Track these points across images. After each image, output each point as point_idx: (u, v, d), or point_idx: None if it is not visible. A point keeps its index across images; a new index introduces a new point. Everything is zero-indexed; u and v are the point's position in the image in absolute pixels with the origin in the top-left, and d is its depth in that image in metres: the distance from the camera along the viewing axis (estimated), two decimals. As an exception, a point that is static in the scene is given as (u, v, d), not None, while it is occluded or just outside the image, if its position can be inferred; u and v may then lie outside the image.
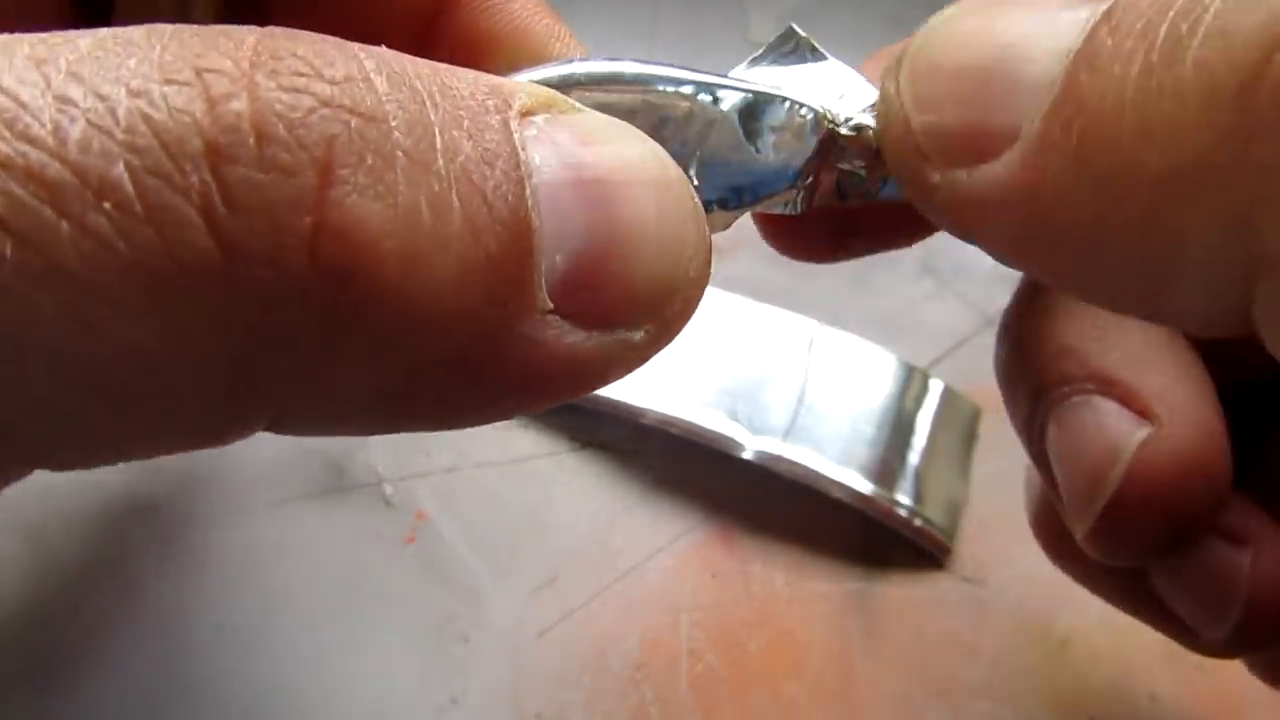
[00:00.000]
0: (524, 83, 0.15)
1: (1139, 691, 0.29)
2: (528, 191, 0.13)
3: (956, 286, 0.36)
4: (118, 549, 0.32)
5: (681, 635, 0.29)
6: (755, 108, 0.17)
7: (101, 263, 0.11)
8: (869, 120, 0.17)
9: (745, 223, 0.43)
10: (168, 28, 0.12)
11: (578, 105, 0.15)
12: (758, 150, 0.17)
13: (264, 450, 0.34)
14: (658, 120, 0.17)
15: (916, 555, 0.31)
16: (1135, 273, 0.14)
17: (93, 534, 0.32)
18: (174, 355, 0.11)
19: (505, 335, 0.13)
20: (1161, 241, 0.13)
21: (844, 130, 0.17)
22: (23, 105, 0.11)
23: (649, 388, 0.32)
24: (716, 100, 0.17)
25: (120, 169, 0.11)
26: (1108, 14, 0.13)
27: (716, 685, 0.28)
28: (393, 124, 0.12)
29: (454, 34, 0.20)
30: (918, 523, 0.30)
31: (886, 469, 0.31)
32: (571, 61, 0.17)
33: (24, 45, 0.11)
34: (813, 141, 0.17)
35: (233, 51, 0.11)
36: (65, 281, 0.11)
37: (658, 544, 0.31)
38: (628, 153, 0.14)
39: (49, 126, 0.11)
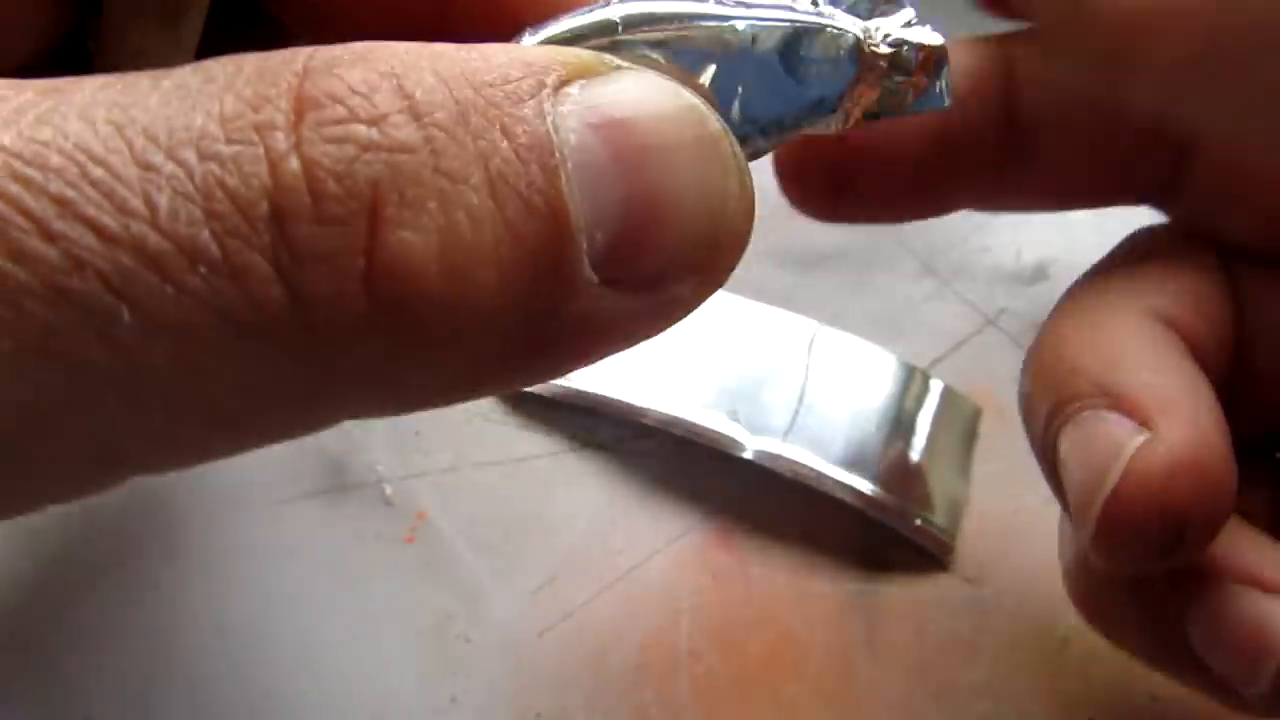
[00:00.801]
0: (556, 52, 0.15)
1: (1139, 691, 0.29)
2: (563, 179, 0.14)
3: (956, 286, 0.36)
4: (118, 549, 0.32)
5: (681, 635, 0.29)
6: (796, 40, 0.17)
7: (198, 316, 0.12)
8: (908, 36, 0.17)
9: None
10: (219, 72, 0.13)
11: (614, 62, 0.15)
12: (799, 82, 0.17)
13: (264, 450, 0.34)
14: (700, 56, 0.16)
15: (917, 555, 0.31)
16: None
17: (93, 534, 0.32)
18: (262, 385, 0.13)
19: (554, 317, 0.14)
20: None
21: (883, 49, 0.17)
22: (116, 176, 0.12)
23: (649, 388, 0.32)
24: (757, 38, 0.17)
25: (206, 235, 0.12)
26: None
27: (716, 685, 0.28)
28: (428, 150, 0.13)
29: None
30: (918, 523, 0.30)
31: (887, 469, 0.31)
32: (607, 5, 0.17)
33: (100, 108, 0.13)
34: (852, 69, 0.17)
35: (281, 101, 0.13)
36: (171, 335, 0.12)
37: (658, 544, 0.31)
38: (666, 112, 0.15)
39: (141, 198, 0.12)
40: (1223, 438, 0.19)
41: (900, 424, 0.32)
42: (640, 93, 0.15)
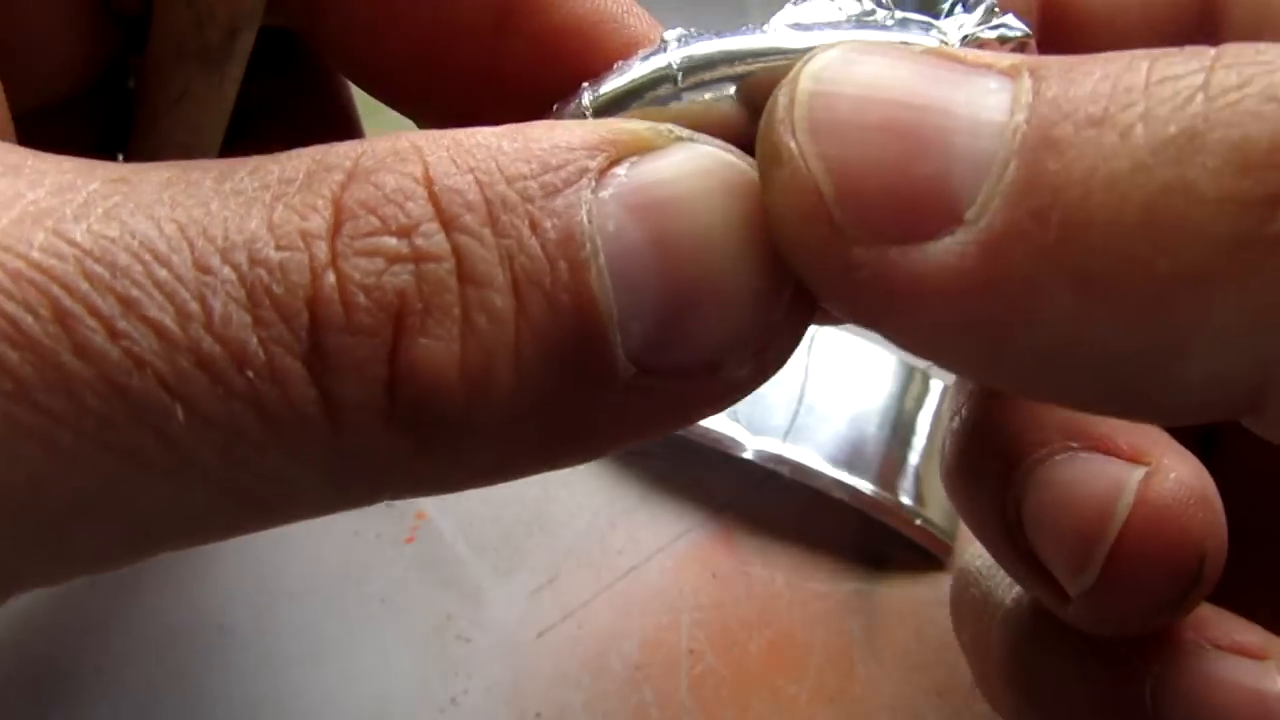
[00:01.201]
0: (609, 128, 0.14)
1: (1139, 691, 0.29)
2: (593, 273, 0.14)
3: (957, 286, 0.36)
4: (118, 549, 0.32)
5: (681, 635, 0.29)
6: None
7: (244, 416, 0.13)
8: (987, 34, 0.16)
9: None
10: (274, 176, 0.14)
11: (672, 133, 0.15)
12: None
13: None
14: (762, 93, 0.15)
15: (917, 555, 0.31)
16: (1119, 366, 0.13)
17: (93, 534, 0.32)
18: (298, 476, 0.14)
19: (589, 407, 0.14)
20: (1162, 340, 0.12)
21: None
22: (178, 279, 0.13)
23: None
24: None
25: (255, 343, 0.13)
26: (1043, 96, 0.13)
27: (716, 685, 0.28)
28: (454, 258, 0.14)
29: (528, 31, 0.19)
30: (918, 523, 0.30)
31: (886, 469, 0.31)
32: (665, 49, 0.16)
33: (164, 207, 0.13)
34: None
35: (325, 210, 0.14)
36: (218, 432, 0.13)
37: (658, 544, 0.31)
38: (713, 189, 0.14)
39: (198, 301, 0.13)
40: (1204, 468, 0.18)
41: (900, 424, 0.32)
42: (690, 170, 0.14)
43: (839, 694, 0.28)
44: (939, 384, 0.33)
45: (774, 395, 0.32)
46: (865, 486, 0.30)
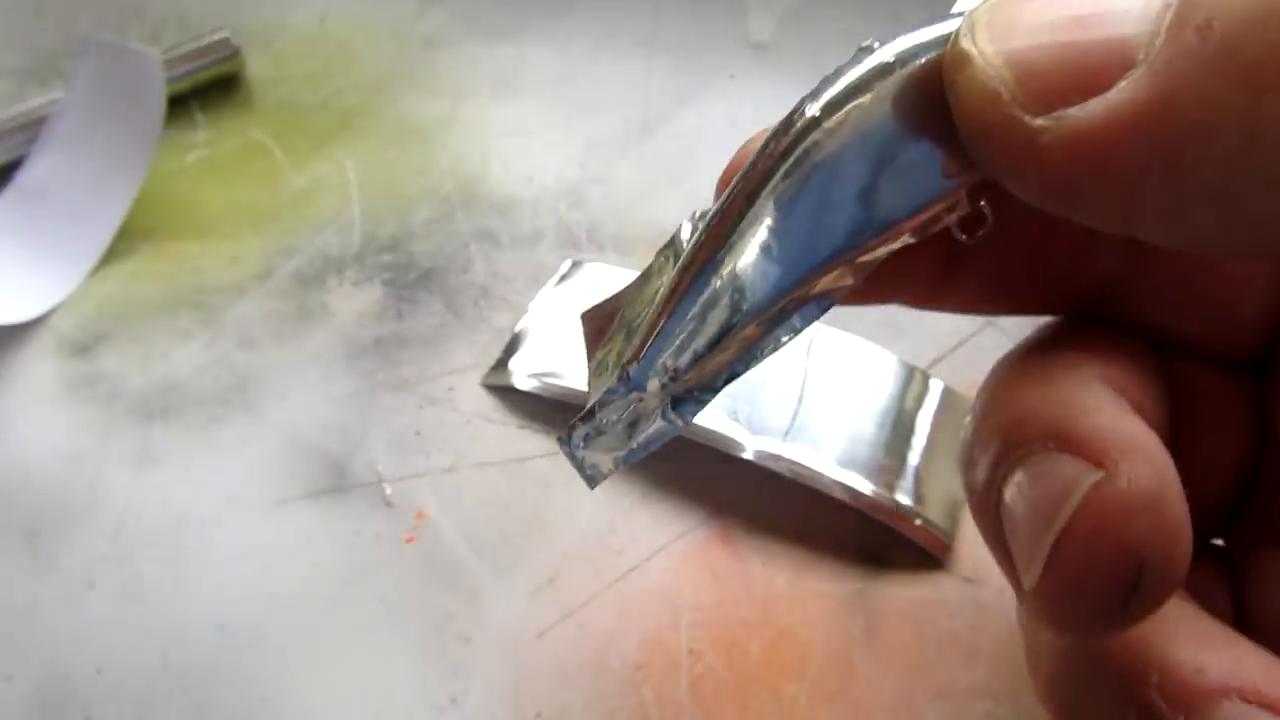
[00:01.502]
0: None
1: (1139, 691, 0.29)
2: None
3: (957, 286, 0.36)
4: (117, 549, 0.32)
5: (681, 635, 0.29)
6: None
7: None
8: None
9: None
10: None
11: None
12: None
13: (264, 450, 0.34)
14: None
15: (916, 555, 0.31)
16: None
17: (93, 534, 0.32)
18: None
19: None
20: None
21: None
22: None
23: (649, 388, 0.32)
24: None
25: None
26: None
27: (716, 685, 0.28)
28: None
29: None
30: (918, 523, 0.30)
31: (886, 469, 0.31)
32: (874, 49, 0.17)
33: None
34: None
35: None
36: None
37: (658, 544, 0.31)
38: None
39: None
40: (1177, 478, 0.18)
41: (900, 424, 0.32)
42: None
43: (839, 694, 0.28)
44: (939, 384, 0.33)
45: (774, 395, 0.32)
46: (865, 486, 0.30)
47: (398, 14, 0.50)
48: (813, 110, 0.16)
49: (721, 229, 0.17)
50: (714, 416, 0.31)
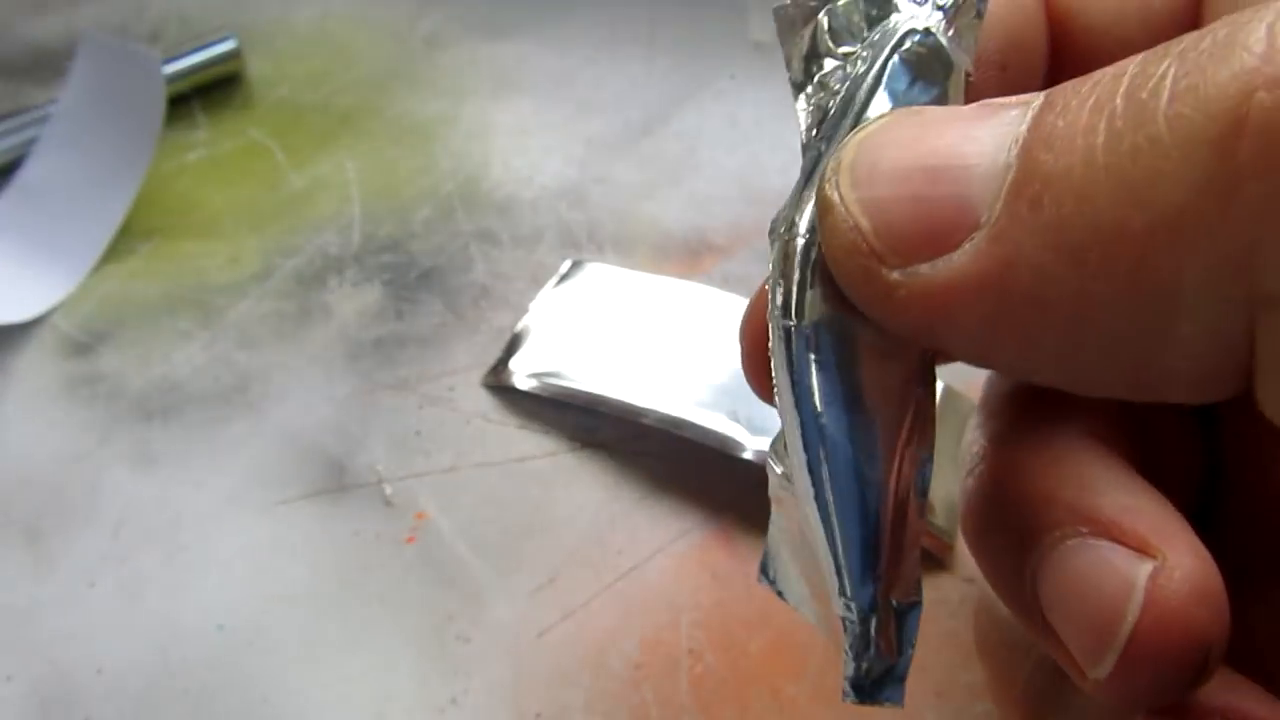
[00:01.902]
0: None
1: (1139, 692, 0.29)
2: None
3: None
4: (118, 548, 0.32)
5: (681, 635, 0.29)
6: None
7: None
8: None
9: (744, 223, 0.43)
10: None
11: None
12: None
13: (264, 450, 0.34)
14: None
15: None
16: (1124, 337, 0.14)
17: (93, 534, 0.32)
18: None
19: None
20: (1153, 294, 0.13)
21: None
22: None
23: (649, 388, 0.32)
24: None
25: None
26: (1048, 103, 0.14)
27: (716, 685, 0.28)
28: None
29: None
30: (918, 523, 0.30)
31: (887, 469, 0.31)
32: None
33: None
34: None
35: None
36: None
37: (658, 544, 0.31)
38: None
39: None
40: (1213, 560, 0.19)
41: (900, 424, 0.32)
42: None
43: (839, 694, 0.28)
44: (939, 384, 0.33)
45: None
46: (865, 486, 0.30)
47: (398, 14, 0.50)
48: (788, 322, 0.17)
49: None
50: (714, 416, 0.31)
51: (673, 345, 0.34)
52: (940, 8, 0.18)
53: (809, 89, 0.18)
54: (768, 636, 0.29)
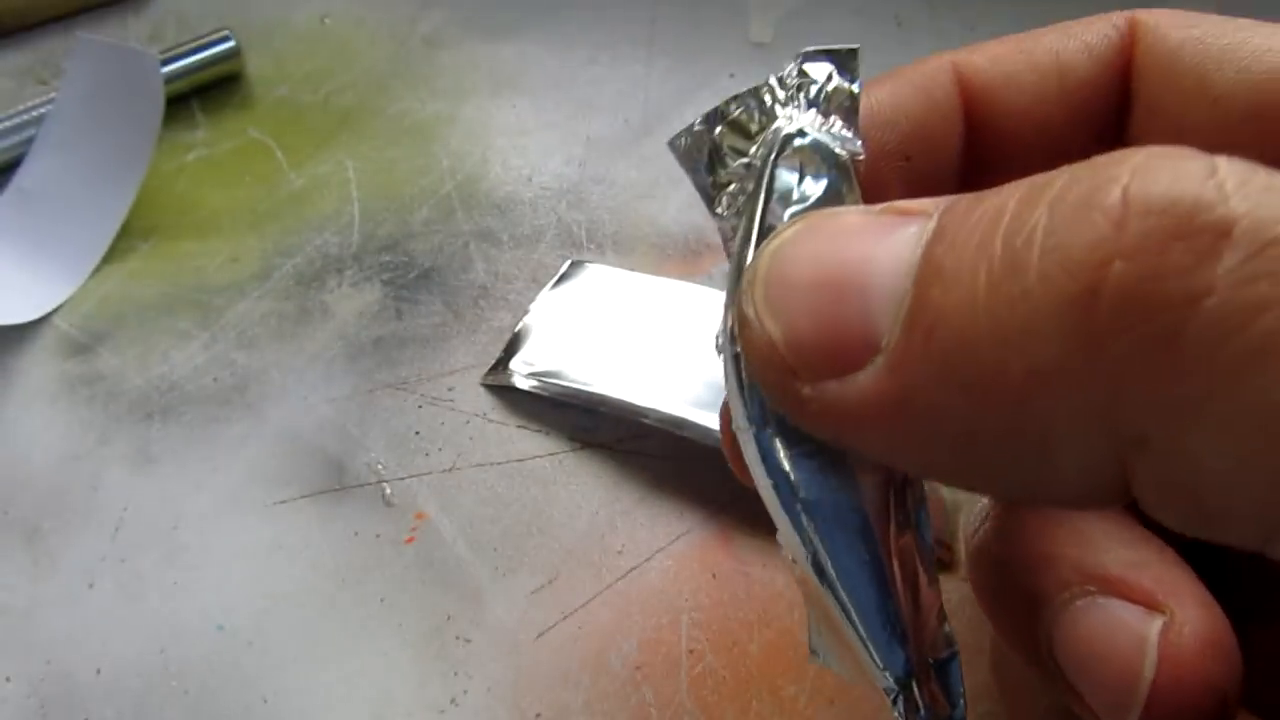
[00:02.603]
0: None
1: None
2: None
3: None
4: (117, 548, 0.32)
5: (681, 635, 0.29)
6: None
7: None
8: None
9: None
10: None
11: None
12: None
13: (264, 450, 0.34)
14: None
15: (916, 555, 0.31)
16: (1011, 463, 0.15)
17: (93, 534, 0.32)
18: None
19: None
20: (1033, 434, 0.14)
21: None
22: None
23: (649, 388, 0.32)
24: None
25: None
26: (939, 233, 0.15)
27: (716, 685, 0.28)
28: None
29: None
30: (918, 523, 0.30)
31: (886, 469, 0.31)
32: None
33: None
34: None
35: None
36: None
37: (658, 544, 0.31)
38: None
39: None
40: (1218, 606, 0.19)
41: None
42: None
43: (839, 694, 0.28)
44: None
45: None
46: (865, 486, 0.30)
47: (398, 14, 0.49)
48: (750, 428, 0.18)
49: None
50: (714, 417, 0.31)
51: (672, 345, 0.34)
52: (813, 104, 0.19)
53: (721, 205, 0.19)
54: (768, 636, 0.29)
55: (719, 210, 0.19)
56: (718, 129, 0.20)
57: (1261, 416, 0.13)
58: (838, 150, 0.19)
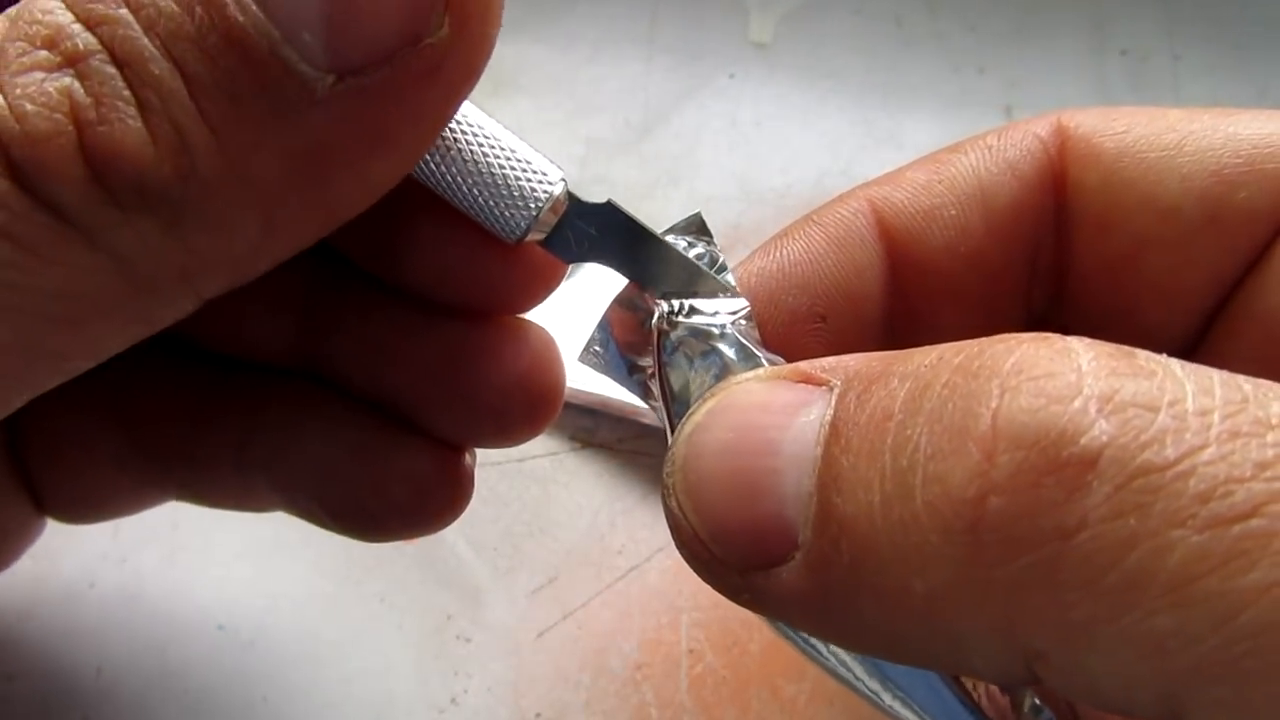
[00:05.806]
0: None
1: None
2: (231, 6, 0.15)
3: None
4: (118, 548, 0.32)
5: (681, 635, 0.29)
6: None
7: None
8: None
9: (744, 223, 0.43)
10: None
11: None
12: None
13: (264, 450, 0.34)
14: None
15: (917, 555, 0.31)
16: (933, 658, 0.16)
17: (92, 534, 0.32)
18: (84, 284, 0.15)
19: (314, 131, 0.15)
20: (945, 639, 0.15)
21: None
22: None
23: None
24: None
25: None
26: (835, 430, 0.15)
27: (716, 685, 0.28)
28: (103, 48, 0.15)
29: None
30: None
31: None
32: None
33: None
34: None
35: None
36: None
37: (657, 544, 0.31)
38: None
39: None
40: None
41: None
42: None
43: (839, 694, 0.28)
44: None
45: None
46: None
47: (398, 14, 0.49)
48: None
49: None
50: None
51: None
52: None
53: (654, 395, 0.20)
54: (768, 636, 0.29)
55: (653, 402, 0.20)
56: (609, 341, 0.21)
57: (1143, 646, 0.13)
58: (715, 323, 0.19)
